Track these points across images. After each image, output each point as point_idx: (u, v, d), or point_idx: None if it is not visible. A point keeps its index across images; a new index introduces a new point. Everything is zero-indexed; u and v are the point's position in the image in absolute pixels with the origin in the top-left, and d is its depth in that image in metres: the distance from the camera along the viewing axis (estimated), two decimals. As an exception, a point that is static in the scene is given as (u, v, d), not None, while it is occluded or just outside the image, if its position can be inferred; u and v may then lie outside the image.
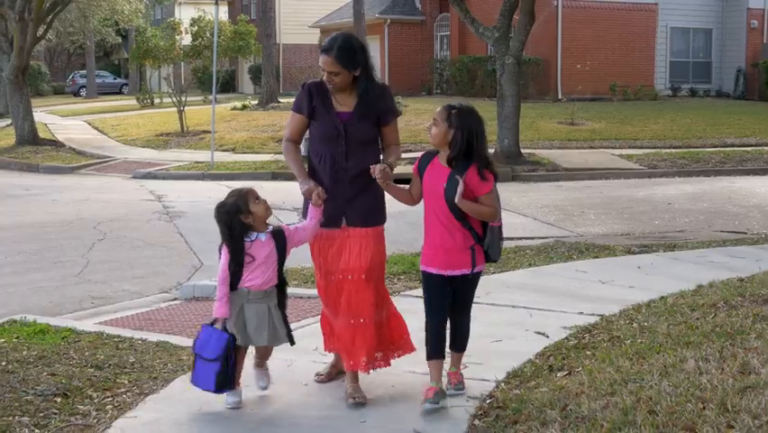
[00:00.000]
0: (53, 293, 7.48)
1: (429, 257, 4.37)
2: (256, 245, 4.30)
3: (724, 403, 3.51)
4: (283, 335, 4.39)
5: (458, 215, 4.25)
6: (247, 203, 4.28)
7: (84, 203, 12.93)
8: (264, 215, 4.34)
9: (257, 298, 4.30)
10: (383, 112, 4.53)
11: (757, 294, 5.43)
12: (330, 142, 4.44)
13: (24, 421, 4.03)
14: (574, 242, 9.13)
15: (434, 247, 4.34)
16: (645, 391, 3.76)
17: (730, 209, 12.35)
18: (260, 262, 4.30)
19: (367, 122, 4.48)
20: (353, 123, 4.45)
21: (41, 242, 9.79)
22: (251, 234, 4.30)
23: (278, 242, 4.36)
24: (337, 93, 4.48)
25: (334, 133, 4.43)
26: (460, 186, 4.17)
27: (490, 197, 4.29)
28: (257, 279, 4.30)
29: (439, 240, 4.32)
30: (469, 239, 4.30)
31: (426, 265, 4.38)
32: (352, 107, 4.47)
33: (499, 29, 17.19)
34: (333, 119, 4.45)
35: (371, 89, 4.50)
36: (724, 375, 3.85)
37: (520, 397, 4.12)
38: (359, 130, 4.45)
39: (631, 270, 7.38)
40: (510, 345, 5.22)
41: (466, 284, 4.39)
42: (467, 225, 4.29)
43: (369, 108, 4.47)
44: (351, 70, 4.42)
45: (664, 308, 5.62)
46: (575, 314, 5.88)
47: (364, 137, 4.47)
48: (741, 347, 4.28)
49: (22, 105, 21.52)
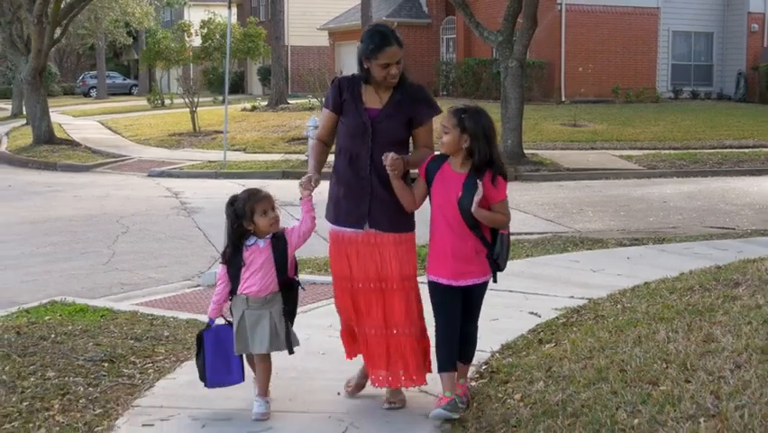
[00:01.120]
0: (84, 280, 8.07)
1: (439, 266, 4.22)
2: (253, 251, 4.26)
3: (685, 364, 4.07)
4: (282, 341, 4.30)
5: (471, 223, 4.11)
6: (253, 212, 4.21)
7: (105, 199, 13.56)
8: (266, 230, 4.25)
9: (256, 305, 4.26)
10: (417, 112, 4.33)
11: (730, 279, 5.97)
12: (356, 138, 4.28)
13: (79, 381, 4.63)
14: (570, 236, 9.70)
15: (444, 256, 4.19)
16: (619, 356, 4.33)
17: (723, 207, 12.88)
18: (256, 268, 4.25)
19: (397, 121, 4.30)
20: (381, 120, 4.28)
21: (68, 234, 10.40)
22: (251, 239, 4.26)
23: (277, 248, 4.28)
24: (370, 89, 4.33)
25: (361, 128, 4.27)
26: (477, 195, 4.01)
27: (504, 204, 4.17)
28: (254, 286, 4.25)
29: (450, 249, 4.17)
30: (480, 248, 4.17)
31: (436, 275, 4.23)
32: (383, 104, 4.32)
33: (503, 33, 17.73)
34: (362, 114, 4.29)
35: (406, 87, 4.35)
36: (689, 343, 4.41)
37: (511, 363, 4.70)
38: (387, 128, 4.27)
39: (620, 260, 7.95)
40: (506, 323, 5.79)
41: (475, 293, 4.27)
42: (479, 234, 4.16)
43: (400, 107, 4.30)
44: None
45: (647, 291, 6.17)
46: (566, 298, 6.44)
47: (393, 137, 4.28)
48: (708, 322, 4.84)
49: (39, 106, 22.15)
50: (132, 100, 45.29)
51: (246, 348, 4.30)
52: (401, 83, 4.32)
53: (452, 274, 4.17)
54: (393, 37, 4.25)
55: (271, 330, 4.25)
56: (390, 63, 4.23)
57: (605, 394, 3.82)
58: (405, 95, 4.32)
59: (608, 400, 3.75)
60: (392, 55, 4.22)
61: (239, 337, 4.28)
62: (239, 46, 30.59)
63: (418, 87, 4.44)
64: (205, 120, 24.90)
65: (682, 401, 3.60)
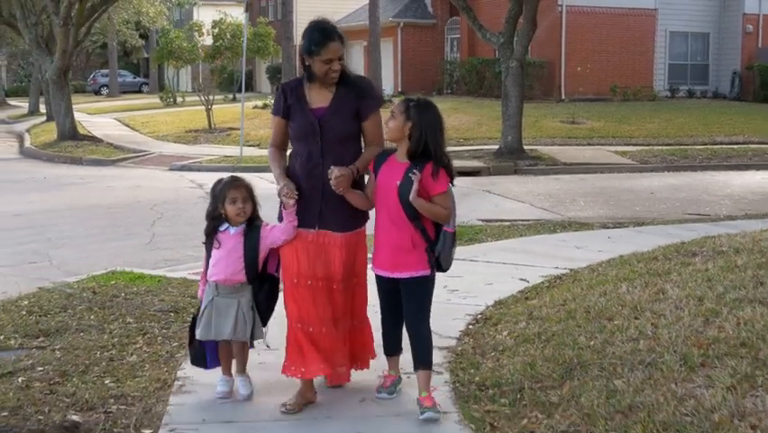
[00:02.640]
0: (131, 256, 9.17)
1: (379, 258, 4.27)
2: (224, 235, 4.37)
3: (636, 307, 5.19)
4: (246, 332, 4.36)
5: (410, 213, 4.12)
6: (224, 198, 4.34)
7: (136, 189, 14.72)
8: (233, 218, 4.35)
9: (226, 292, 4.34)
10: (362, 105, 4.32)
11: (689, 250, 7.08)
12: (305, 139, 4.28)
13: (154, 325, 5.76)
14: (561, 221, 10.81)
15: (382, 247, 4.24)
16: (586, 303, 5.45)
17: (705, 198, 13.96)
18: (223, 255, 4.33)
19: (343, 116, 4.29)
20: (328, 118, 4.27)
21: (110, 219, 11.56)
22: (224, 225, 4.38)
23: (248, 238, 4.34)
24: (314, 89, 4.33)
25: (309, 129, 4.27)
26: (416, 182, 4.04)
27: (445, 197, 4.13)
28: (220, 273, 4.33)
29: (388, 239, 4.21)
30: (419, 240, 4.16)
31: (378, 268, 4.28)
32: (328, 102, 4.31)
33: (504, 35, 18.80)
34: (308, 115, 4.28)
35: (350, 82, 4.34)
36: (643, 294, 5.52)
37: (501, 312, 5.82)
38: (335, 125, 4.27)
39: (602, 239, 9.06)
40: (499, 286, 6.89)
41: (414, 288, 4.20)
42: (419, 226, 4.15)
43: (346, 102, 4.30)
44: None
45: (619, 262, 7.29)
46: (552, 268, 7.55)
47: (341, 133, 4.29)
48: (662, 280, 5.95)
49: (64, 104, 23.30)
50: (143, 98, 46.30)
51: (208, 334, 4.37)
52: (345, 79, 4.32)
53: (389, 265, 4.20)
54: (335, 33, 4.25)
55: (237, 319, 4.32)
56: (332, 59, 4.23)
57: (571, 327, 4.94)
58: (349, 89, 4.32)
59: (573, 330, 4.88)
60: (334, 51, 4.21)
61: (203, 323, 4.37)
62: (249, 45, 31.62)
63: (362, 80, 4.48)
64: (218, 117, 26.00)
65: (629, 330, 4.72)
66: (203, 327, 4.36)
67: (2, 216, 11.63)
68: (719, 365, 4.00)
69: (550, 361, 4.43)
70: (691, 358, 4.13)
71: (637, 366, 4.11)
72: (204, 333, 4.37)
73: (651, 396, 3.74)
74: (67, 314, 6.02)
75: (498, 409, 3.93)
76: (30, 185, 15.60)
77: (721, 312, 4.85)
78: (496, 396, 4.16)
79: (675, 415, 3.52)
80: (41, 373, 4.75)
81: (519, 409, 3.97)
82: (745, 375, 3.83)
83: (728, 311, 4.85)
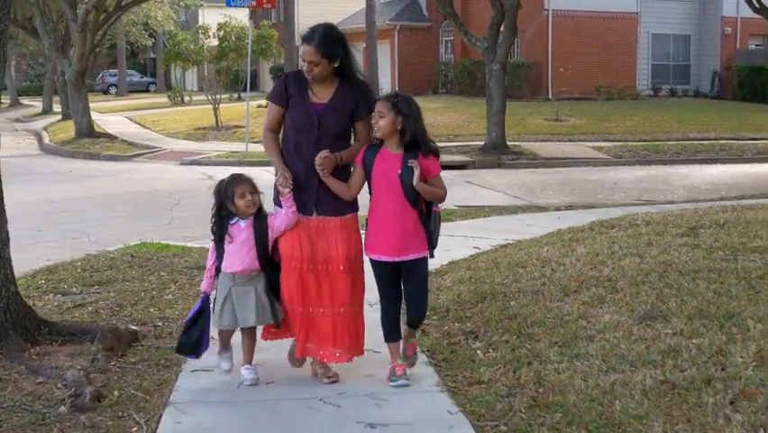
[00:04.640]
0: (156, 234, 10.79)
1: (380, 244, 4.51)
2: (235, 229, 4.62)
3: (547, 259, 6.89)
4: (267, 316, 4.59)
5: (412, 198, 4.43)
6: (233, 194, 4.57)
7: (153, 181, 16.45)
8: (244, 211, 4.58)
9: (242, 281, 4.59)
10: (358, 106, 4.55)
11: (611, 224, 8.76)
12: (303, 131, 4.51)
13: (183, 278, 7.44)
14: (524, 205, 12.50)
15: (387, 234, 4.48)
16: (510, 258, 7.15)
17: (661, 188, 15.60)
18: (237, 247, 4.58)
19: (341, 114, 4.52)
20: (326, 115, 4.49)
21: (133, 204, 13.28)
22: (233, 219, 4.62)
23: (258, 228, 4.58)
24: (316, 85, 4.53)
25: (308, 123, 4.49)
26: (417, 169, 4.35)
27: (440, 179, 4.51)
28: (236, 264, 4.58)
29: (394, 226, 4.45)
30: (420, 224, 4.49)
31: (378, 254, 4.52)
32: (328, 99, 4.53)
33: (488, 40, 20.43)
34: (308, 109, 4.49)
35: (351, 82, 4.56)
36: (556, 251, 7.22)
37: (450, 267, 7.51)
38: (332, 122, 4.50)
39: (552, 219, 10.74)
40: (455, 252, 8.50)
41: (416, 267, 4.54)
42: (419, 210, 4.47)
43: (344, 101, 4.52)
44: (331, 61, 4.46)
45: (556, 234, 8.98)
46: (501, 240, 9.21)
47: (337, 130, 4.53)
48: (577, 244, 7.64)
49: (81, 103, 25.04)
50: (151, 97, 47.81)
51: (234, 323, 4.62)
52: (349, 78, 4.58)
53: (394, 250, 4.47)
54: (310, 37, 4.45)
55: (257, 305, 4.58)
56: (306, 60, 4.46)
57: (493, 272, 6.66)
58: (350, 89, 4.57)
59: (494, 274, 6.58)
60: (305, 53, 4.44)
61: (225, 313, 4.59)
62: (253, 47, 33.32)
63: (364, 84, 4.69)
64: (225, 115, 27.63)
65: (533, 273, 6.44)
66: (226, 317, 4.60)
67: (40, 202, 13.35)
68: (586, 292, 5.70)
69: (471, 293, 6.12)
70: (569, 288, 5.83)
71: (529, 293, 5.81)
72: (229, 322, 4.62)
73: (531, 309, 5.45)
74: (113, 270, 7.71)
75: (428, 322, 5.60)
76: (57, 177, 17.33)
77: (607, 262, 6.55)
78: (430, 315, 5.82)
79: (542, 318, 5.22)
80: (104, 305, 6.45)
81: (444, 322, 5.67)
82: (599, 297, 5.53)
83: (613, 261, 6.55)
